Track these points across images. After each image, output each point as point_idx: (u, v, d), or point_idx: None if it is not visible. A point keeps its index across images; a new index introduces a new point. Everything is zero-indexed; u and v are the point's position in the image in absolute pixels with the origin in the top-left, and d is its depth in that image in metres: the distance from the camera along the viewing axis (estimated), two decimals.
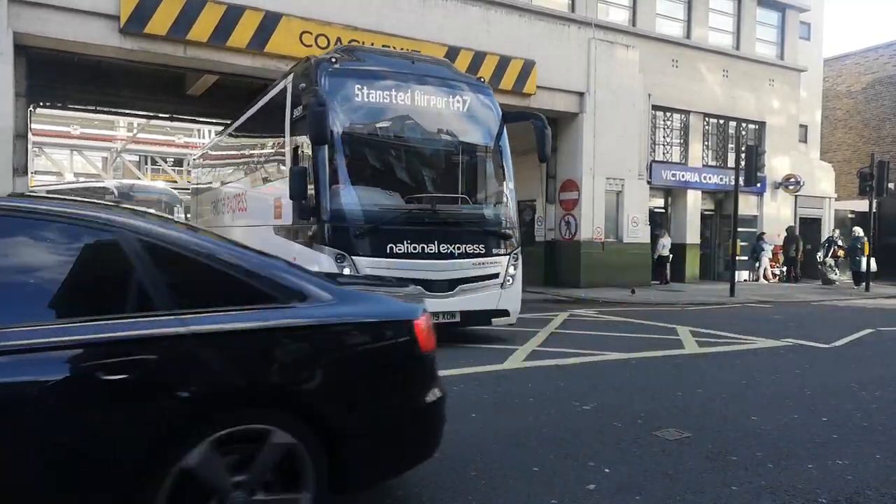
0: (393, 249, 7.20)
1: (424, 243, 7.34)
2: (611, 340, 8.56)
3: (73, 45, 11.56)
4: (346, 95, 7.41)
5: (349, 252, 7.04)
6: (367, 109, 7.57)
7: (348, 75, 7.54)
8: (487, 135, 8.28)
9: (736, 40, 20.40)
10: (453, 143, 8.19)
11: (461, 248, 7.57)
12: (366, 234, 7.17)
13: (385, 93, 7.59)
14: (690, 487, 3.56)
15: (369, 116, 7.66)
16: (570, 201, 17.04)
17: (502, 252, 7.93)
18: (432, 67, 8.32)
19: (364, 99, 7.49)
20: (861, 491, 3.56)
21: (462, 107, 8.09)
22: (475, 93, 8.26)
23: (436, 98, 7.90)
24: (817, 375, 6.72)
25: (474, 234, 7.74)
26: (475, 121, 8.22)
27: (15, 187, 10.97)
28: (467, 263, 7.61)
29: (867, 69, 29.48)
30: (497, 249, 7.88)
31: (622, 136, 17.06)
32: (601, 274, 16.63)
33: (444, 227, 7.52)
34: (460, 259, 7.57)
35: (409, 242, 7.26)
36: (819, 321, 11.53)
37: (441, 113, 7.98)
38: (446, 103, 7.99)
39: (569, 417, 4.93)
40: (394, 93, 7.63)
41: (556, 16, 16.42)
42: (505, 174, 8.29)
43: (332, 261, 6.97)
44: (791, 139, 21.92)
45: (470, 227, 7.77)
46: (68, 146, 33.64)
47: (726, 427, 4.71)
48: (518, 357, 7.27)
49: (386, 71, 7.80)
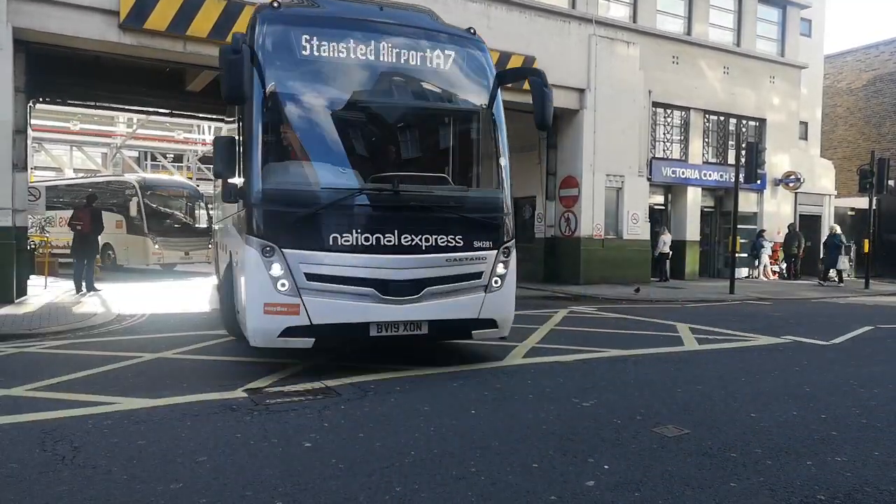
0: (338, 241, 5.70)
1: (381, 233, 5.80)
2: (610, 337, 8.57)
3: (72, 40, 11.54)
4: (289, 46, 5.89)
5: (279, 243, 5.61)
6: (315, 64, 5.99)
7: (293, 22, 6.00)
8: (476, 99, 6.64)
9: (736, 37, 20.36)
10: (430, 108, 6.79)
11: (431, 240, 5.99)
12: (301, 220, 5.68)
13: (341, 44, 6.00)
14: (689, 484, 3.57)
15: (319, 73, 6.09)
16: (570, 198, 17.04)
17: (487, 246, 6.27)
18: (407, 15, 6.73)
19: (313, 51, 5.92)
20: (860, 488, 3.57)
21: (444, 63, 6.43)
22: (462, 46, 6.58)
23: (409, 52, 6.29)
24: (816, 372, 6.73)
25: (451, 221, 6.12)
26: (461, 81, 6.61)
27: (14, 183, 10.96)
28: (439, 259, 6.02)
29: (868, 66, 29.45)
30: (481, 242, 6.24)
31: (622, 133, 17.05)
32: (601, 271, 16.66)
33: (409, 213, 5.97)
34: (430, 254, 5.98)
35: (361, 232, 5.75)
36: (818, 318, 11.54)
37: (416, 71, 6.38)
38: (423, 59, 6.34)
39: (568, 414, 4.93)
40: (352, 44, 6.04)
41: (556, 12, 16.39)
42: (497, 148, 6.56)
43: (258, 255, 5.60)
44: (791, 136, 21.90)
45: (445, 212, 6.14)
46: (68, 142, 33.60)
47: (725, 424, 4.72)
48: (518, 354, 7.27)
49: (344, 18, 6.21)
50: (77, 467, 3.70)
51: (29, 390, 5.40)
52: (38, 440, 4.14)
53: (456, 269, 6.13)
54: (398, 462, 3.84)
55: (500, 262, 6.37)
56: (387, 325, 5.86)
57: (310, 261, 5.67)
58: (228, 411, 4.85)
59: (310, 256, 5.67)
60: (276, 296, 5.59)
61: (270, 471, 3.68)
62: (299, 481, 3.53)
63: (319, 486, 3.48)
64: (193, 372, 5.94)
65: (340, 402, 5.12)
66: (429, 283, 5.98)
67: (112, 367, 6.32)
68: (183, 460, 3.83)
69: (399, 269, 5.87)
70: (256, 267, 5.62)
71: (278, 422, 4.61)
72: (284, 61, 5.91)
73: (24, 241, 12.17)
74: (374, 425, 4.54)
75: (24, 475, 3.58)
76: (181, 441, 4.17)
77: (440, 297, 6.06)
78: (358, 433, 4.36)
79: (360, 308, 5.74)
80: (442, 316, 6.08)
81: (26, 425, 4.47)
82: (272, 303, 5.60)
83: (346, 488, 3.44)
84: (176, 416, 4.73)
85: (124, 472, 3.64)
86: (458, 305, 6.16)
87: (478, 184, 6.83)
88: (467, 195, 6.54)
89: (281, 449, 4.05)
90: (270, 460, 3.85)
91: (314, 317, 5.64)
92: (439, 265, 6.03)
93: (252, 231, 5.70)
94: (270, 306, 5.60)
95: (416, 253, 5.93)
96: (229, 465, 3.76)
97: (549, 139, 17.66)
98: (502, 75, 6.81)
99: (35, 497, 3.30)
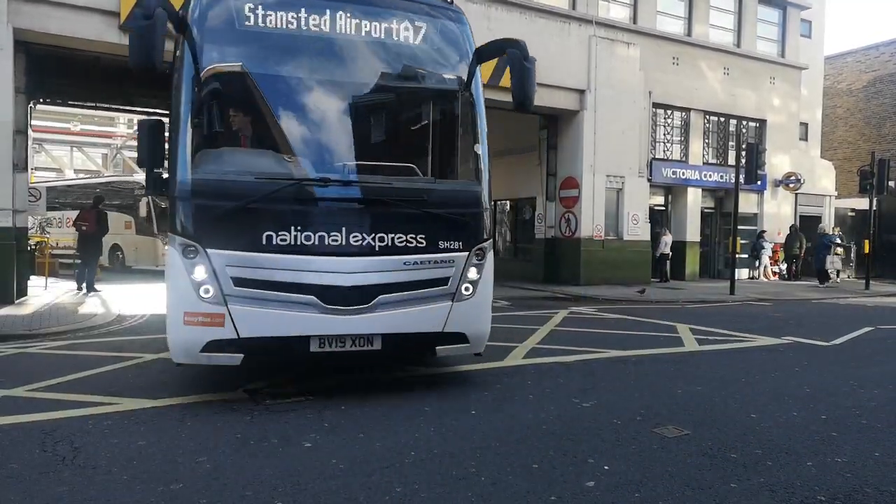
0: (273, 240, 4.92)
1: (325, 231, 5.02)
2: (610, 338, 8.57)
3: (72, 41, 11.55)
4: (228, 15, 5.19)
5: (202, 243, 4.85)
6: (259, 36, 5.26)
7: None
8: (451, 77, 5.81)
9: (737, 38, 20.37)
10: (396, 88, 5.86)
11: (387, 240, 5.17)
12: (229, 215, 4.88)
13: (291, 14, 5.30)
14: (689, 485, 3.57)
15: (263, 47, 5.30)
16: (570, 199, 17.04)
17: (457, 247, 5.41)
18: None
19: (257, 21, 5.22)
20: (860, 488, 3.57)
21: (413, 36, 5.63)
22: (435, 17, 5.76)
23: (371, 23, 5.51)
24: (816, 373, 6.72)
25: (412, 218, 5.28)
26: (433, 57, 5.77)
27: (14, 183, 10.97)
28: (395, 262, 5.19)
29: (868, 67, 29.45)
30: (449, 242, 5.39)
31: (623, 134, 17.06)
32: (601, 271, 16.66)
33: (361, 208, 5.16)
34: (384, 256, 5.15)
35: (301, 230, 4.97)
36: (819, 319, 11.54)
37: (379, 45, 5.57)
38: (388, 31, 5.55)
39: (568, 414, 4.93)
40: (304, 14, 5.32)
41: (556, 13, 16.40)
42: (475, 133, 5.70)
43: (179, 256, 4.88)
44: (791, 137, 21.90)
45: (406, 207, 5.28)
46: (68, 143, 33.62)
47: (725, 424, 4.72)
48: (518, 354, 7.27)
49: None
50: (77, 468, 3.70)
51: (29, 391, 5.40)
52: (39, 441, 4.14)
53: (416, 274, 5.28)
54: (398, 462, 3.84)
55: (472, 267, 5.47)
56: (331, 339, 5.05)
57: (238, 263, 4.89)
58: (228, 412, 4.85)
59: (238, 258, 4.89)
60: (197, 304, 4.83)
61: (270, 471, 3.68)
62: (299, 481, 3.53)
63: (319, 486, 3.48)
64: (193, 372, 5.94)
65: (340, 403, 5.12)
66: (382, 291, 5.15)
67: (112, 368, 6.33)
68: (183, 460, 3.83)
69: (346, 273, 5.05)
70: (177, 270, 4.89)
71: (278, 422, 4.61)
72: (221, 33, 5.22)
73: (25, 242, 12.18)
74: (374, 425, 4.55)
75: (24, 475, 3.58)
76: (181, 441, 4.18)
77: (396, 306, 5.20)
78: (358, 433, 4.36)
79: (299, 319, 4.95)
80: (398, 329, 5.23)
81: (27, 426, 4.47)
82: (193, 312, 4.86)
83: (346, 488, 3.45)
84: (176, 417, 4.73)
85: (124, 472, 3.64)
86: (419, 317, 5.28)
87: (450, 174, 5.99)
88: (434, 188, 5.55)
89: (281, 449, 4.05)
90: (270, 460, 3.85)
91: (242, 329, 4.87)
92: (396, 269, 5.21)
93: (174, 228, 4.97)
94: (191, 316, 4.87)
95: (368, 255, 5.11)
96: (229, 466, 3.76)
97: (549, 140, 17.69)
98: (481, 51, 5.84)
99: (35, 497, 3.30)
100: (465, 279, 5.46)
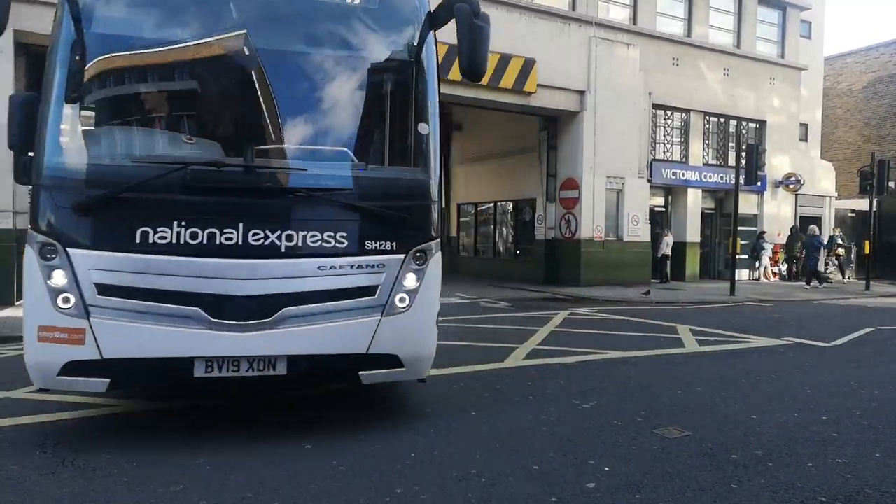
0: (149, 237, 3.98)
1: (217, 227, 4.05)
2: (611, 339, 8.57)
3: None
4: None
5: (63, 241, 3.96)
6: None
7: None
8: (395, 42, 4.83)
9: (737, 39, 20.38)
10: (324, 55, 4.70)
11: (297, 239, 4.18)
12: (96, 207, 3.97)
13: None
14: (690, 486, 3.57)
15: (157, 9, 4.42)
16: (570, 199, 17.04)
17: (389, 248, 4.38)
18: None
19: None
20: (861, 489, 3.57)
21: None
22: None
23: None
24: (817, 374, 6.72)
25: (331, 212, 4.30)
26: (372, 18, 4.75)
27: (15, 185, 10.96)
28: (306, 266, 4.19)
29: (868, 68, 29.47)
30: (378, 242, 4.37)
31: (623, 135, 17.06)
32: (601, 272, 16.66)
33: (266, 200, 4.21)
34: (292, 258, 4.17)
35: (185, 225, 4.02)
36: (819, 320, 11.54)
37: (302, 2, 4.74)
38: None
39: (569, 416, 4.93)
40: None
41: (556, 14, 16.41)
42: (423, 110, 4.66)
43: (35, 258, 4.02)
44: (791, 138, 21.90)
45: (322, 200, 4.28)
46: None
47: (726, 425, 4.71)
48: (518, 355, 7.27)
49: None
50: (77, 469, 3.70)
51: (29, 392, 5.40)
52: (39, 442, 4.15)
53: (335, 282, 4.25)
54: (399, 464, 3.84)
55: (409, 273, 4.41)
56: (221, 361, 4.07)
57: (105, 266, 3.95)
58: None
59: (105, 260, 3.95)
60: (54, 316, 3.94)
61: (270, 472, 3.68)
62: (299, 482, 3.53)
63: (319, 487, 3.48)
64: None
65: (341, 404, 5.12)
66: (289, 302, 4.14)
67: None
68: (183, 461, 3.83)
69: (242, 279, 4.04)
70: (32, 275, 4.03)
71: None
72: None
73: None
74: (374, 427, 4.55)
75: (24, 477, 3.58)
76: (182, 443, 4.17)
77: (307, 322, 4.18)
78: (358, 434, 4.36)
79: (179, 336, 3.98)
80: (309, 350, 4.20)
81: (27, 427, 4.48)
82: (49, 326, 3.97)
83: (346, 489, 3.45)
84: (176, 417, 4.72)
85: (124, 474, 3.64)
86: (337, 335, 4.24)
87: (390, 159, 4.86)
88: (363, 175, 4.47)
89: (281, 449, 4.05)
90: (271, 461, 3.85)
91: (106, 348, 3.92)
92: (308, 275, 4.19)
93: (34, 223, 4.06)
94: (47, 331, 3.97)
95: (271, 256, 4.11)
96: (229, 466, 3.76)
97: (549, 141, 17.70)
98: (436, 15, 4.85)
99: (35, 498, 3.30)
100: (399, 288, 4.39)
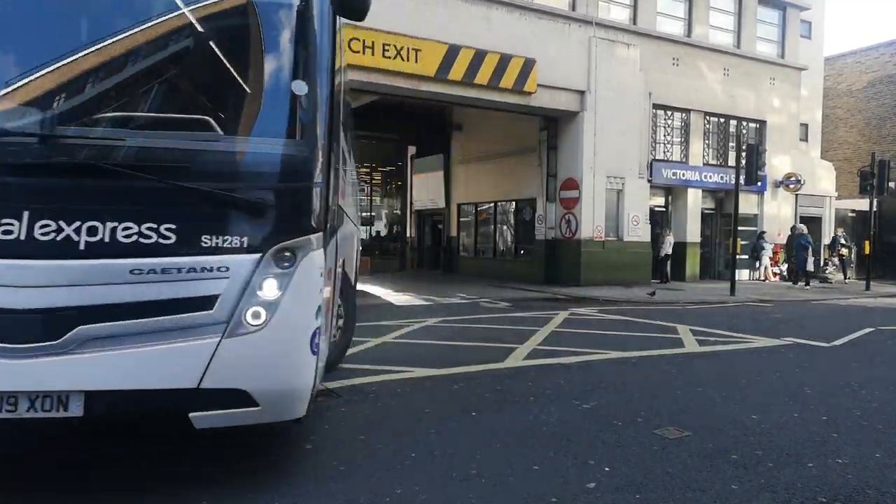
0: None
1: None
2: (611, 339, 8.57)
3: None
4: None
5: None
6: None
7: None
8: None
9: (737, 39, 20.37)
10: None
11: (102, 233, 3.09)
12: None
13: None
14: (690, 486, 3.57)
15: None
16: (570, 200, 17.04)
17: (237, 245, 3.23)
18: None
19: None
20: (861, 490, 3.57)
21: None
22: None
23: None
24: (817, 374, 6.72)
25: (155, 197, 3.17)
26: None
27: None
28: (114, 269, 3.09)
29: (868, 68, 29.47)
30: (219, 237, 3.22)
31: (623, 135, 17.06)
32: (601, 272, 16.67)
33: (60, 181, 3.12)
34: (96, 259, 3.08)
35: None
36: (819, 320, 11.54)
37: None
38: None
39: (569, 416, 4.93)
40: None
41: (556, 14, 16.41)
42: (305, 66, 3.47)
43: None
44: (792, 138, 21.90)
45: (144, 180, 3.12)
46: None
47: (726, 426, 4.71)
48: (518, 355, 7.27)
49: None
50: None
51: None
52: None
53: (152, 290, 3.13)
54: (399, 464, 3.84)
55: (268, 278, 3.25)
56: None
57: None
58: None
59: None
60: None
61: (271, 471, 3.68)
62: (300, 482, 3.53)
63: (320, 487, 3.48)
64: None
65: (341, 404, 5.12)
66: (87, 318, 3.05)
67: None
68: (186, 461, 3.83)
69: (22, 287, 3.00)
70: None
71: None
72: None
73: None
74: (374, 427, 4.55)
75: None
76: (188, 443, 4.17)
77: (112, 345, 3.08)
78: (358, 435, 4.36)
79: None
80: (113, 384, 3.09)
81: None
82: None
83: (346, 490, 3.44)
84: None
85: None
86: (154, 363, 3.11)
87: (258, 128, 3.46)
88: (205, 148, 3.29)
89: (282, 450, 4.05)
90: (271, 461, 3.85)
91: None
92: (115, 282, 3.09)
93: None
94: None
95: (65, 256, 3.05)
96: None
97: (549, 141, 17.70)
98: None
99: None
100: (251, 299, 3.22)
